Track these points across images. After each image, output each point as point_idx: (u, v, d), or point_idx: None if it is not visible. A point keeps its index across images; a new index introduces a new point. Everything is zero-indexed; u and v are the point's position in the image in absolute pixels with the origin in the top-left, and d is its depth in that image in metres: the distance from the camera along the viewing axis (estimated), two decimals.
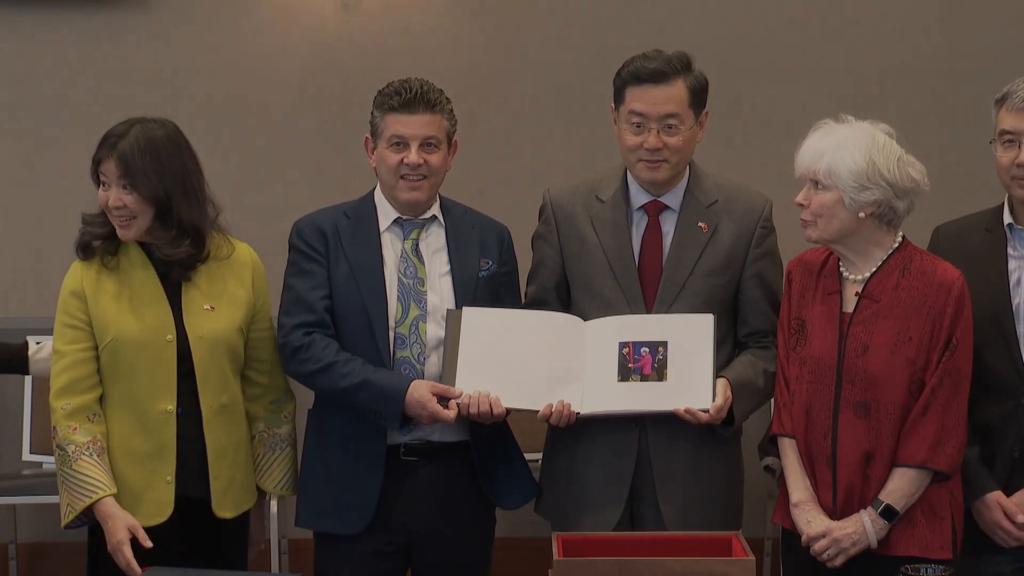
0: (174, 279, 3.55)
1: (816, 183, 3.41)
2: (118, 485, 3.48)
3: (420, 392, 3.53)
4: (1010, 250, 3.63)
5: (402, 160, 3.62)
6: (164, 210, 3.50)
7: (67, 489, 3.46)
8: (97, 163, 3.51)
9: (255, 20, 5.29)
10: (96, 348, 3.51)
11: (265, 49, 5.29)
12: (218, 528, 3.58)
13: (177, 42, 5.27)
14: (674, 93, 3.60)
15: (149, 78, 5.24)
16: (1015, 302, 3.59)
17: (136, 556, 3.37)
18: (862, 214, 3.41)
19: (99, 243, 3.54)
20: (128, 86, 5.24)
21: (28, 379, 4.90)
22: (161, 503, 3.49)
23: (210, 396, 3.53)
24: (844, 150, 3.38)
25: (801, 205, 3.44)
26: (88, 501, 3.43)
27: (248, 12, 5.28)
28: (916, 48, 5.36)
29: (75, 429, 3.46)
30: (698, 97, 3.63)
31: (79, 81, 5.26)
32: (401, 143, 3.63)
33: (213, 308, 3.57)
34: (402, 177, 3.64)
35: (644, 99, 3.60)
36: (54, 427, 3.49)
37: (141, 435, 3.50)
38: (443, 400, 3.54)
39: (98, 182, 3.52)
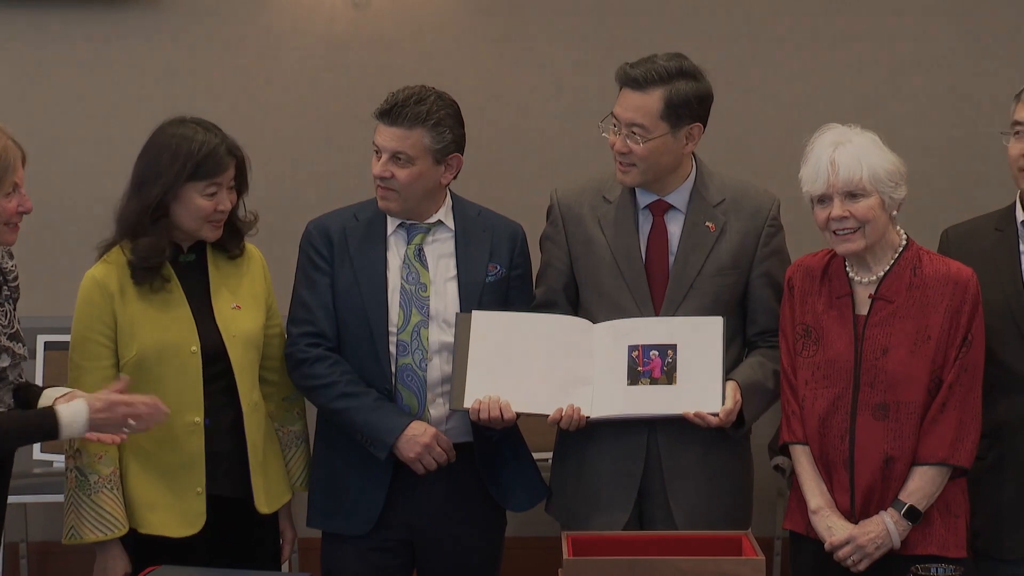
0: (199, 284, 3.56)
1: (851, 193, 3.39)
2: (147, 498, 3.49)
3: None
4: (1022, 247, 3.63)
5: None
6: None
7: (77, 513, 3.47)
8: (213, 171, 3.48)
9: (265, 19, 5.29)
10: (117, 363, 3.49)
11: (275, 47, 5.30)
12: (253, 526, 3.60)
13: (187, 41, 5.28)
14: (644, 102, 3.56)
15: (159, 77, 5.25)
16: None
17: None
18: (895, 212, 3.44)
19: (156, 273, 3.50)
20: (139, 85, 5.25)
21: (39, 380, 4.90)
22: (193, 514, 3.50)
23: (246, 394, 3.54)
24: (873, 154, 3.40)
25: (843, 218, 3.41)
26: (102, 537, 3.46)
27: (258, 11, 5.29)
28: (925, 45, 5.35)
29: (101, 457, 3.46)
30: (675, 110, 3.56)
31: (90, 80, 5.27)
32: (378, 151, 3.62)
33: (240, 307, 3.58)
34: (377, 185, 3.64)
35: (620, 102, 3.61)
36: (77, 449, 3.47)
37: (168, 447, 3.49)
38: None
39: (161, 194, 3.46)
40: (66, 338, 3.62)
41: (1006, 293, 3.58)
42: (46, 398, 3.36)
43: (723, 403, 3.51)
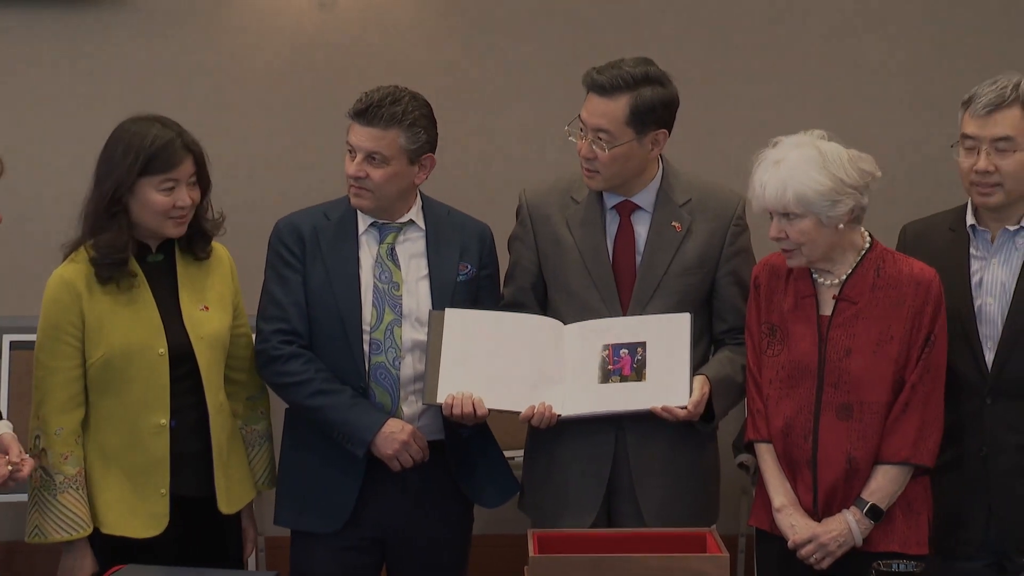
0: (167, 284, 3.54)
1: (786, 215, 3.41)
2: (111, 498, 3.48)
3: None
4: (972, 251, 3.64)
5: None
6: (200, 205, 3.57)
7: (42, 513, 3.45)
8: (167, 165, 3.45)
9: (233, 19, 5.28)
10: (84, 363, 3.48)
11: (242, 48, 5.28)
12: (219, 526, 3.60)
13: (154, 41, 5.25)
14: (609, 108, 3.58)
15: (126, 76, 5.23)
16: (977, 303, 3.60)
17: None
18: (841, 225, 3.42)
19: (121, 270, 3.48)
20: (105, 84, 5.22)
21: (4, 380, 4.87)
22: (156, 515, 3.49)
23: (212, 395, 3.54)
24: (803, 174, 3.37)
25: (778, 239, 3.44)
26: (66, 538, 3.44)
27: (225, 11, 5.28)
28: (894, 46, 5.38)
29: (66, 457, 3.44)
30: (641, 117, 3.58)
31: (56, 79, 5.24)
32: (351, 151, 3.62)
33: (207, 308, 3.57)
34: (350, 184, 3.64)
35: (587, 107, 3.62)
36: (43, 448, 3.45)
37: (134, 448, 3.48)
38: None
39: (113, 188, 3.44)
40: (32, 338, 3.60)
41: (954, 296, 3.57)
42: None
43: (691, 396, 3.54)
